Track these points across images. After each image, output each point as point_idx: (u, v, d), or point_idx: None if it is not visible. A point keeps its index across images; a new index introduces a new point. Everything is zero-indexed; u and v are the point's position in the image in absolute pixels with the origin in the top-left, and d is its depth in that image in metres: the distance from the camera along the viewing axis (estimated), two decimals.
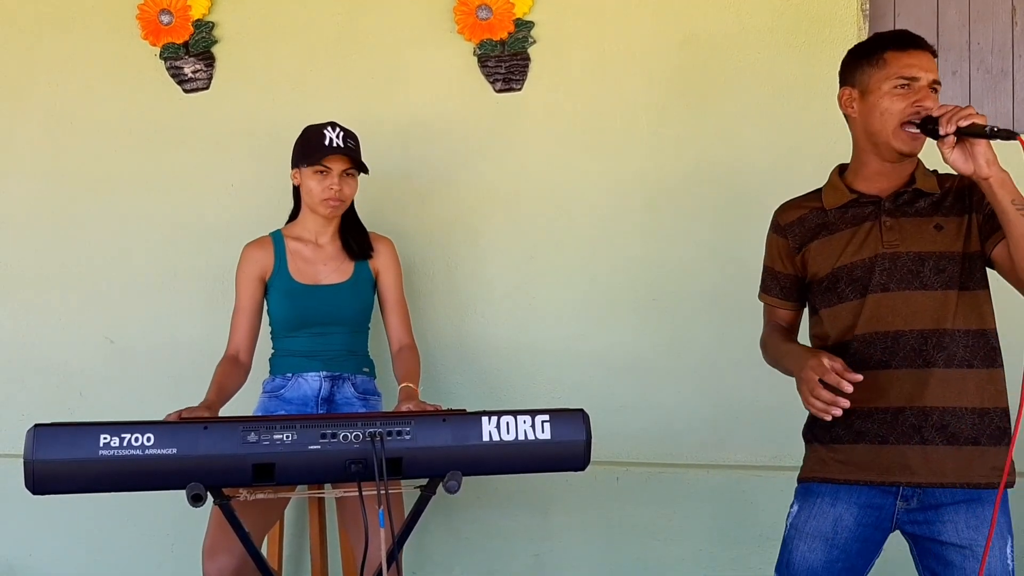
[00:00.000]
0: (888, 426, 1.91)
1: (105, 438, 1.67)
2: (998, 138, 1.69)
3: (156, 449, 1.69)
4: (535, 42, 2.99)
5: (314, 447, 1.75)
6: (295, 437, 1.74)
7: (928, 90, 1.89)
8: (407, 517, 1.96)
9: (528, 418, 1.84)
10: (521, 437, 1.83)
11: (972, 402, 1.89)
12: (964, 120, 1.71)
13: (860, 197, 1.98)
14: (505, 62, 3.00)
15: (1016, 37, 2.89)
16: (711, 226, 2.93)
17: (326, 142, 2.48)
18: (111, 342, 3.21)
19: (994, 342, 1.94)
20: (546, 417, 1.85)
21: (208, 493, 1.72)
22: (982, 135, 1.70)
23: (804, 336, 2.13)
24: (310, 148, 2.51)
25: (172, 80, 3.16)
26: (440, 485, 1.81)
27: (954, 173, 1.80)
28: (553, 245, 3.01)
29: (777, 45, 2.89)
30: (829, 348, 1.97)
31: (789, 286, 2.10)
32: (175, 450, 1.70)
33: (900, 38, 1.95)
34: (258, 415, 2.54)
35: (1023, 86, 2.89)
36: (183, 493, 1.69)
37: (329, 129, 2.50)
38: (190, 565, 2.44)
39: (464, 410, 1.93)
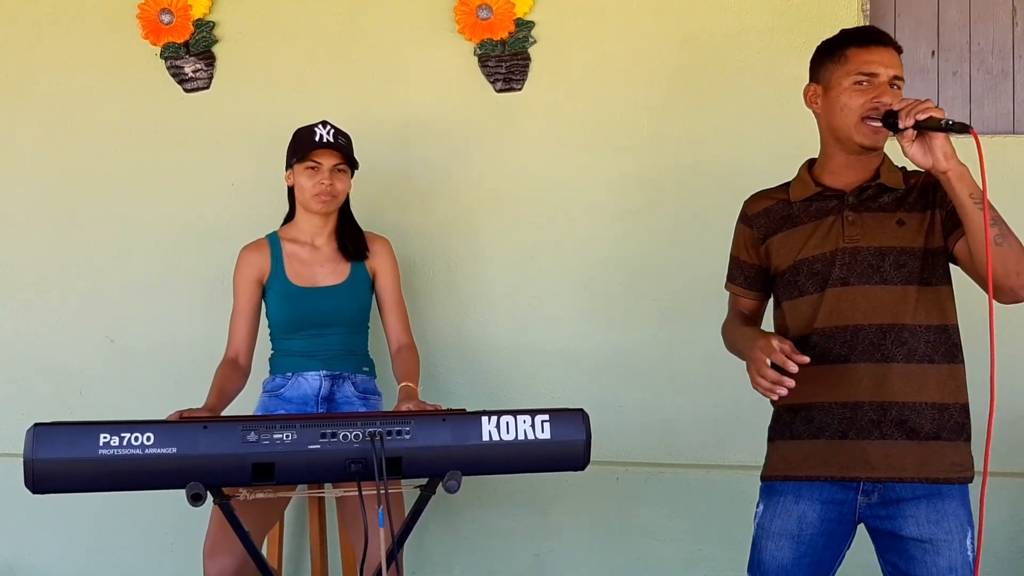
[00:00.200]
0: (847, 421, 1.92)
1: (105, 437, 1.67)
2: (953, 131, 1.71)
3: (156, 448, 1.69)
4: (535, 42, 2.99)
5: (314, 446, 1.75)
6: (295, 437, 1.74)
7: (888, 86, 1.90)
8: (407, 517, 1.96)
9: (528, 418, 1.84)
10: (521, 437, 1.83)
11: (932, 397, 1.89)
12: (922, 113, 1.73)
13: (825, 191, 1.99)
14: (506, 62, 3.00)
15: (1017, 37, 2.89)
16: (711, 226, 2.90)
17: (316, 138, 2.50)
18: (111, 341, 3.21)
19: (955, 338, 1.94)
20: (546, 417, 1.84)
21: (208, 492, 1.71)
22: (938, 128, 1.72)
23: (769, 328, 2.11)
24: (301, 145, 2.52)
25: (172, 80, 3.16)
26: (440, 485, 1.81)
27: (920, 170, 1.82)
28: (553, 245, 3.01)
29: (777, 45, 2.88)
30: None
31: (753, 276, 2.12)
32: (175, 449, 1.70)
33: (861, 34, 1.96)
34: (258, 414, 2.54)
35: None
36: (183, 492, 1.69)
37: (320, 127, 2.51)
38: (190, 564, 2.44)
39: (464, 410, 1.93)
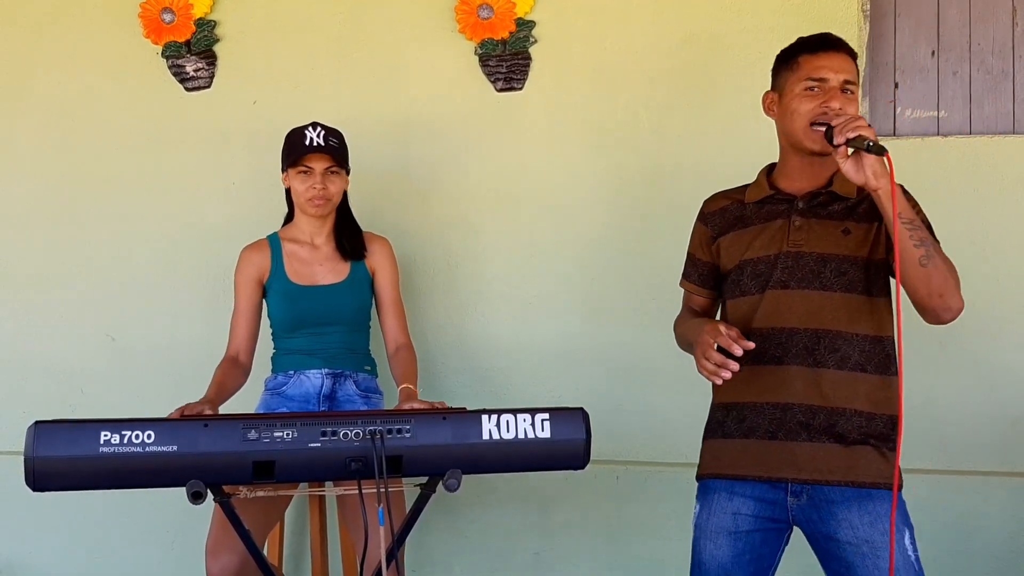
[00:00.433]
0: (777, 422, 1.93)
1: (105, 435, 1.68)
2: (872, 153, 1.73)
3: (156, 446, 1.69)
4: (536, 41, 3.00)
5: (314, 445, 1.75)
6: (295, 435, 1.74)
7: (838, 91, 1.91)
8: (407, 515, 1.96)
9: (528, 416, 1.84)
10: (521, 436, 1.83)
11: (862, 406, 1.90)
12: (852, 132, 1.75)
13: (777, 194, 2.02)
14: (506, 61, 3.00)
15: (1017, 38, 2.89)
16: None
17: (306, 142, 2.49)
18: (112, 340, 3.21)
19: (890, 350, 1.95)
20: (546, 416, 1.85)
21: (208, 491, 1.72)
22: (862, 148, 1.74)
23: None
24: (292, 149, 2.52)
25: (174, 79, 3.16)
26: (440, 483, 1.82)
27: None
28: (553, 245, 3.01)
29: (777, 45, 2.84)
30: None
31: (707, 274, 2.14)
32: (175, 447, 1.70)
33: (813, 41, 1.98)
34: (259, 412, 2.54)
35: None
36: (183, 491, 1.69)
37: (310, 129, 2.50)
38: (190, 563, 2.44)
39: (464, 408, 1.93)
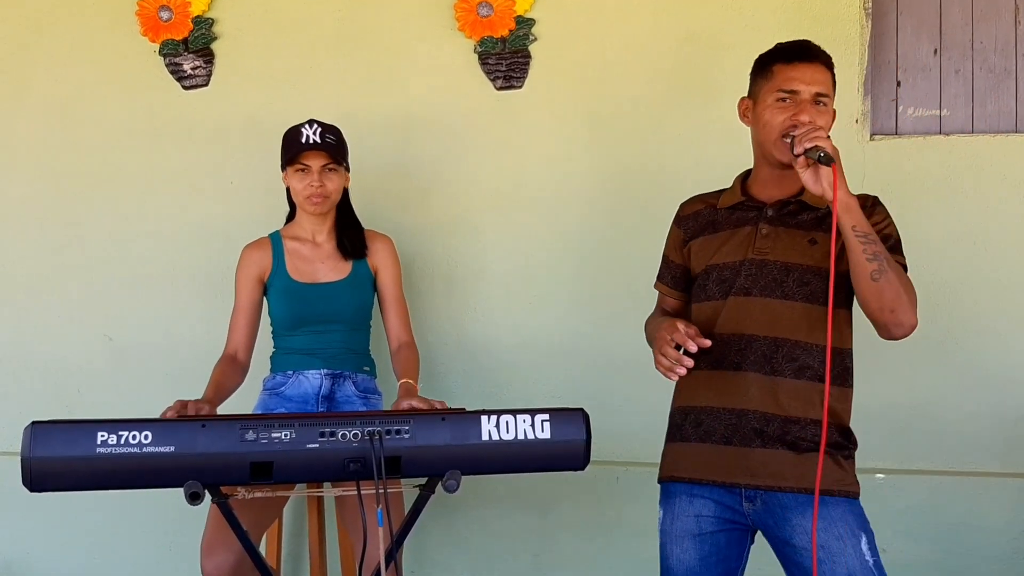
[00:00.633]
0: (733, 428, 1.94)
1: (103, 435, 1.66)
2: (822, 164, 1.75)
3: (154, 447, 1.68)
4: (536, 39, 2.99)
5: (312, 445, 1.74)
6: (293, 436, 1.73)
7: (809, 103, 1.91)
8: (406, 516, 1.95)
9: (528, 417, 1.83)
10: (521, 436, 1.82)
11: (817, 415, 1.89)
12: (809, 142, 1.76)
13: (748, 200, 2.02)
14: (506, 59, 2.99)
15: (1019, 36, 2.88)
16: None
17: (302, 140, 2.48)
18: (110, 340, 3.20)
19: (848, 362, 1.96)
20: (546, 416, 1.84)
21: (206, 491, 1.71)
22: (813, 159, 1.75)
23: None
24: (289, 148, 2.51)
25: (171, 77, 3.15)
26: (439, 484, 1.80)
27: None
28: (553, 244, 3.00)
29: None
30: None
31: (679, 276, 2.15)
32: (173, 448, 1.69)
33: (788, 50, 1.96)
34: (257, 413, 2.53)
35: None
36: (181, 491, 1.68)
37: (307, 127, 2.49)
38: (188, 563, 2.43)
39: (463, 409, 1.92)
